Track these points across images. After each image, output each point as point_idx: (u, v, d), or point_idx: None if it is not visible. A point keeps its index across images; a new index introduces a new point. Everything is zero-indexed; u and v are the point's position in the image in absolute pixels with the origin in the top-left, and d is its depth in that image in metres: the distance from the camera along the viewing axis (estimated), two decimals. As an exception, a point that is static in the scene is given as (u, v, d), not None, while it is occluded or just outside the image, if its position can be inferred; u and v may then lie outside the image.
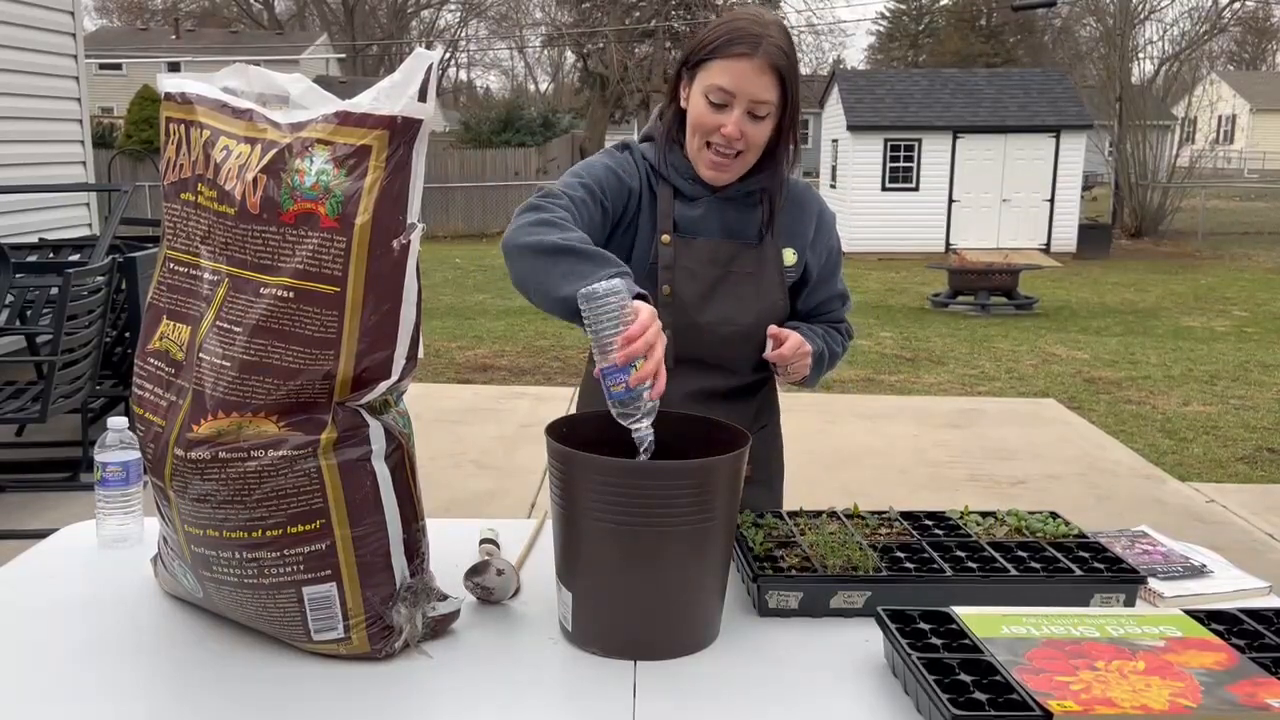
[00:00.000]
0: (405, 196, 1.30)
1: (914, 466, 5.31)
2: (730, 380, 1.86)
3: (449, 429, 5.59)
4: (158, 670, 1.35)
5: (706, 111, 1.70)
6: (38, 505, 4.37)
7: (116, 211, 5.61)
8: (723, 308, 1.79)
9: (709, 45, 1.70)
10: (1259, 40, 50.54)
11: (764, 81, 1.67)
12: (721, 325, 1.79)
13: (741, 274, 1.80)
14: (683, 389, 1.77)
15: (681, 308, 1.77)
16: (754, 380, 1.90)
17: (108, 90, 30.85)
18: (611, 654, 1.37)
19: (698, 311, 1.78)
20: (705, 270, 1.79)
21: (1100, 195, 24.26)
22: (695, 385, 1.81)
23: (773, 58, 1.66)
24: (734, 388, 1.87)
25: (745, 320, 1.80)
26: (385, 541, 1.36)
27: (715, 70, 1.69)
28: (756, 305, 1.80)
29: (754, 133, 1.71)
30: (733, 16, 1.72)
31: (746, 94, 1.67)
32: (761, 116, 1.70)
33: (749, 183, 1.80)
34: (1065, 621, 1.34)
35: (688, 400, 1.77)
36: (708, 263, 1.79)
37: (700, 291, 1.78)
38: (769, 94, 1.68)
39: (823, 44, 62.74)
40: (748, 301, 1.80)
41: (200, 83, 1.43)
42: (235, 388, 1.30)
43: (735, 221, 1.81)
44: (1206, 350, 9.27)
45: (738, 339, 1.81)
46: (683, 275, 1.78)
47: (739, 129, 1.69)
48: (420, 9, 45.48)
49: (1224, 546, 2.91)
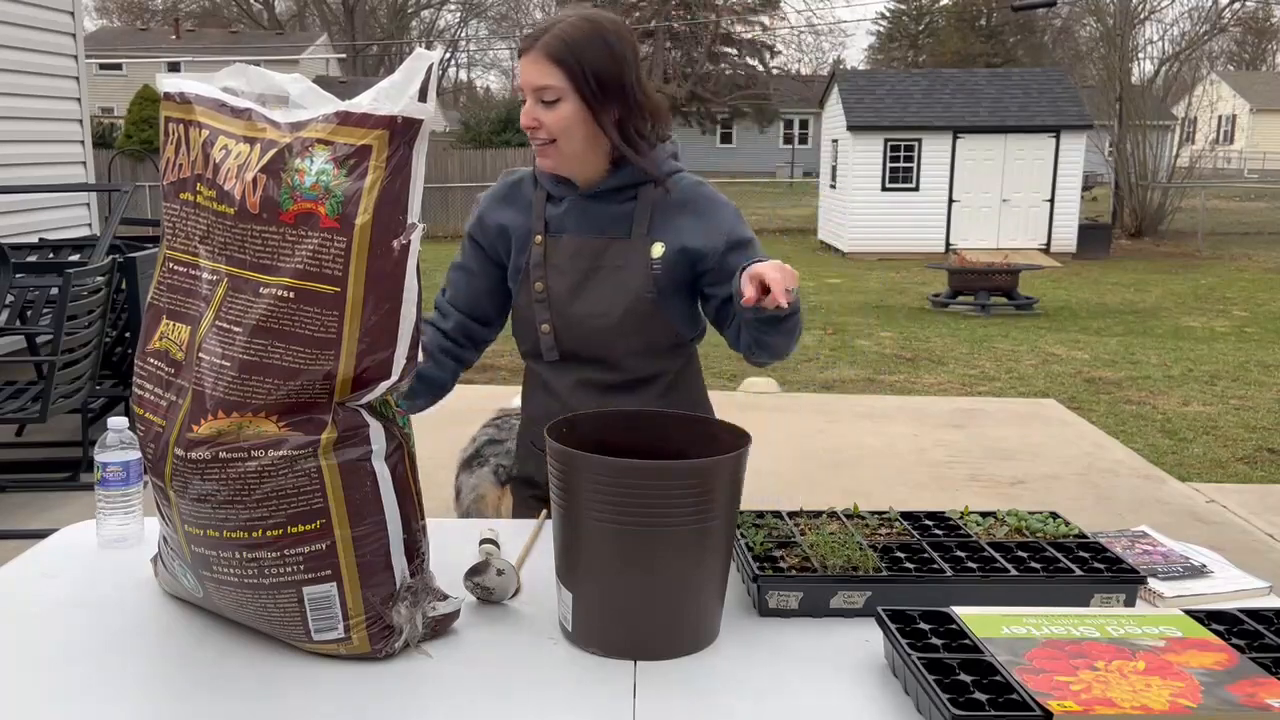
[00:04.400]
0: (405, 196, 1.30)
1: (914, 466, 5.31)
2: (612, 375, 1.91)
3: (449, 429, 5.58)
4: (158, 670, 1.35)
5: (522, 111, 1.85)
6: (38, 505, 4.37)
7: (116, 211, 5.61)
8: (590, 301, 1.87)
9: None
10: (1259, 40, 50.54)
11: (538, 69, 1.77)
12: (590, 319, 1.87)
13: (609, 268, 1.87)
14: (569, 380, 1.93)
15: (555, 302, 1.89)
16: (644, 375, 1.93)
17: (108, 90, 30.86)
18: (611, 654, 1.37)
19: (568, 305, 1.88)
20: (571, 265, 1.88)
21: (1100, 195, 24.26)
22: (579, 376, 1.92)
23: (549, 48, 1.77)
24: (618, 383, 1.92)
25: (612, 314, 1.86)
26: (385, 541, 1.36)
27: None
28: (622, 299, 1.86)
29: (548, 117, 1.79)
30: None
31: (530, 84, 1.79)
32: (550, 101, 1.78)
33: (612, 179, 1.86)
34: (1065, 622, 1.34)
35: (577, 391, 1.92)
36: (573, 258, 1.88)
37: (569, 286, 1.88)
38: (546, 79, 1.77)
39: (823, 44, 62.81)
40: (613, 295, 1.86)
41: (200, 83, 1.43)
42: (235, 388, 1.30)
43: (602, 217, 1.88)
44: (1206, 350, 9.27)
45: (610, 331, 1.87)
46: (553, 272, 1.89)
47: (531, 118, 1.80)
48: (420, 9, 45.48)
49: (1224, 546, 2.91)
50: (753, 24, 38.63)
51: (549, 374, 1.96)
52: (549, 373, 1.95)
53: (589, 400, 1.90)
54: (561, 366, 1.93)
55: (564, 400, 1.92)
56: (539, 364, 1.97)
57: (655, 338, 1.90)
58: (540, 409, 1.95)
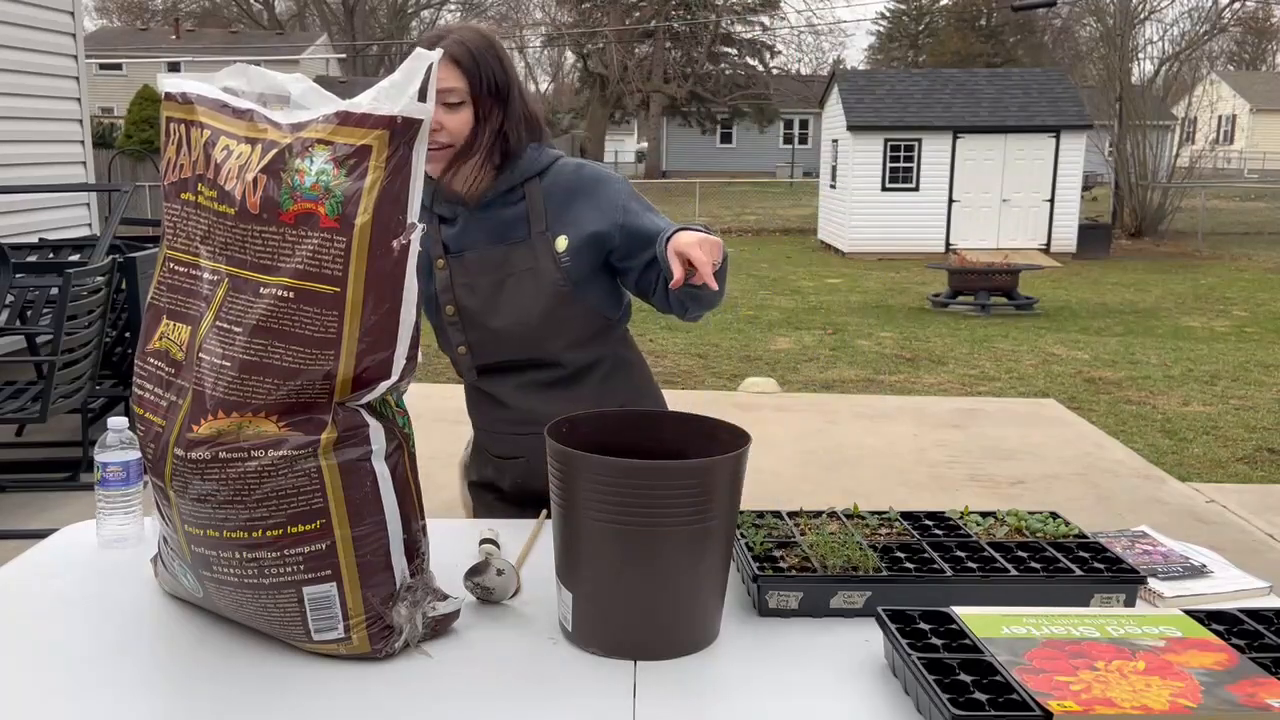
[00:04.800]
0: (405, 196, 1.30)
1: (914, 466, 5.31)
2: (550, 371, 1.92)
3: (449, 429, 5.58)
4: (158, 670, 1.35)
5: None
6: (38, 505, 4.37)
7: (116, 211, 5.61)
8: (508, 310, 1.86)
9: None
10: (1259, 40, 50.54)
11: (444, 72, 1.77)
12: (513, 325, 1.87)
13: (520, 272, 1.86)
14: (511, 384, 1.93)
15: (471, 321, 1.88)
16: (582, 364, 1.94)
17: (108, 90, 30.87)
18: (611, 654, 1.37)
19: (488, 320, 1.87)
20: (481, 280, 1.87)
21: (1100, 195, 24.26)
22: (520, 380, 1.93)
23: (453, 52, 1.78)
24: (558, 378, 1.93)
25: (533, 315, 1.86)
26: (385, 541, 1.36)
27: None
28: (540, 298, 1.86)
29: (450, 121, 1.79)
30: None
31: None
32: (452, 104, 1.79)
33: (497, 184, 1.86)
34: (1065, 622, 1.34)
35: (520, 393, 1.92)
36: (481, 272, 1.87)
37: (483, 301, 1.87)
38: (451, 82, 1.78)
39: (823, 44, 62.80)
40: (530, 297, 1.86)
41: (200, 83, 1.43)
42: (235, 388, 1.30)
43: (499, 225, 1.87)
44: (1206, 350, 9.27)
45: (536, 332, 1.88)
46: (462, 291, 1.88)
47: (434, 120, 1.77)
48: (420, 9, 45.48)
49: (1224, 546, 2.91)
50: (753, 24, 38.64)
51: (488, 384, 1.96)
52: (487, 383, 1.96)
53: (534, 400, 1.91)
54: (496, 376, 1.94)
55: (511, 405, 1.93)
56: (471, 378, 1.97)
57: (581, 327, 1.91)
58: (488, 417, 1.98)
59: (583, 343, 1.92)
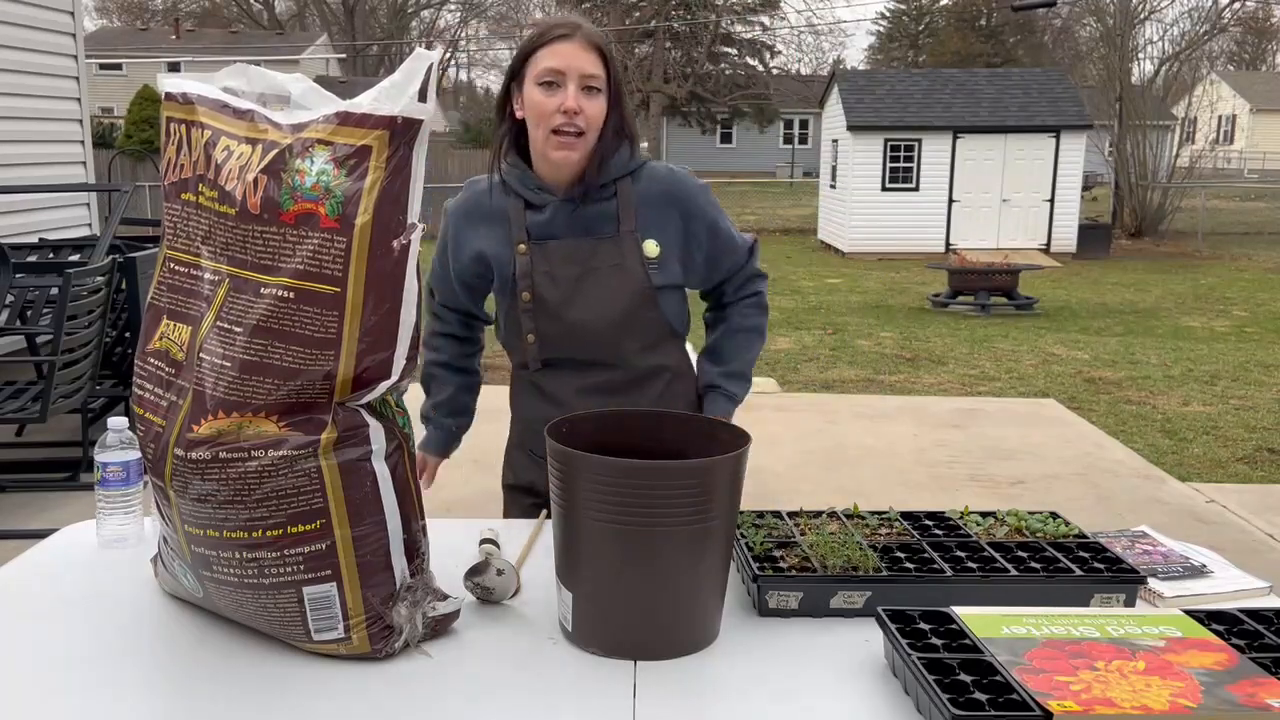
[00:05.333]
0: (405, 197, 1.30)
1: (914, 466, 5.31)
2: (615, 374, 1.91)
3: (449, 429, 5.57)
4: (158, 670, 1.35)
5: (543, 99, 1.78)
6: (38, 505, 4.37)
7: (116, 211, 5.61)
8: (588, 305, 1.85)
9: (530, 44, 1.81)
10: (1259, 40, 50.54)
11: (589, 57, 1.77)
12: (590, 321, 1.85)
13: (605, 268, 1.85)
14: (572, 386, 1.91)
15: (545, 311, 1.86)
16: (645, 369, 1.93)
17: (108, 90, 30.86)
18: (611, 654, 1.37)
19: (563, 311, 1.86)
20: (563, 270, 1.86)
21: (1100, 195, 24.25)
22: (582, 382, 1.91)
23: (591, 37, 1.78)
24: (621, 380, 1.92)
25: (613, 313, 1.86)
26: (385, 541, 1.36)
27: (541, 58, 1.78)
28: (622, 297, 1.85)
29: (591, 107, 1.79)
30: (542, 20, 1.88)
31: (575, 69, 1.77)
32: (595, 89, 1.78)
33: (593, 179, 1.85)
34: (1065, 622, 1.34)
35: (580, 397, 1.89)
36: (565, 263, 1.86)
37: (563, 292, 1.85)
38: (595, 68, 1.78)
39: (823, 44, 62.79)
40: (612, 295, 1.85)
41: (201, 83, 1.43)
42: (235, 388, 1.30)
43: (588, 219, 1.86)
44: (1206, 350, 9.27)
45: (610, 332, 1.87)
46: (542, 280, 1.86)
47: (577, 102, 1.77)
48: (420, 9, 45.48)
49: (1224, 546, 2.91)
50: (753, 24, 38.62)
51: (546, 380, 1.94)
52: (547, 380, 1.94)
53: (591, 403, 1.88)
54: (558, 372, 1.92)
55: (567, 405, 1.89)
56: (537, 373, 1.95)
57: (653, 333, 1.91)
58: (539, 414, 1.93)
59: (651, 349, 1.92)
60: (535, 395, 1.97)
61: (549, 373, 1.93)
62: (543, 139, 1.80)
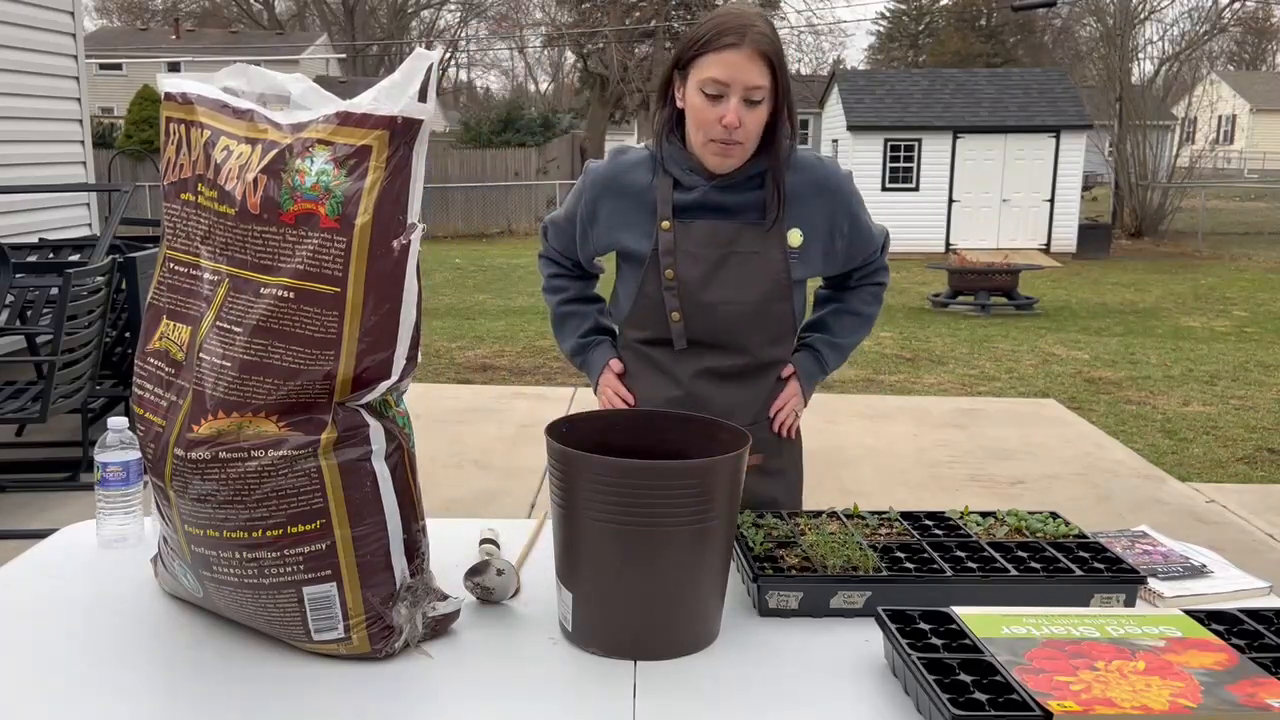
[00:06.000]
0: (405, 197, 1.30)
1: (914, 466, 5.31)
2: (738, 359, 1.90)
3: (449, 429, 5.58)
4: (158, 670, 1.35)
5: (704, 106, 1.76)
6: (38, 505, 4.37)
7: (116, 211, 5.61)
8: (724, 288, 1.84)
9: (698, 42, 1.76)
10: (1259, 40, 50.54)
11: (755, 69, 1.73)
12: (725, 304, 1.85)
13: (744, 254, 1.84)
14: (692, 368, 1.89)
15: (686, 290, 1.85)
16: (766, 360, 1.93)
17: (108, 90, 30.85)
18: (611, 654, 1.37)
19: (701, 292, 1.85)
20: (705, 252, 1.84)
21: (1100, 195, 24.26)
22: (702, 365, 1.90)
23: (760, 45, 1.73)
24: (743, 366, 1.91)
25: (748, 299, 1.85)
26: (385, 541, 1.36)
27: (707, 64, 1.75)
28: (759, 284, 1.84)
29: (750, 119, 1.76)
30: (718, 12, 1.79)
31: (740, 82, 1.73)
32: (757, 101, 1.75)
33: (747, 167, 1.83)
34: (1065, 622, 1.34)
35: (698, 379, 1.89)
36: (707, 244, 1.84)
37: (702, 273, 1.84)
38: (761, 79, 1.74)
39: (823, 44, 62.71)
40: (750, 280, 1.84)
41: (200, 83, 1.43)
42: (235, 388, 1.30)
43: (734, 203, 1.85)
44: (1206, 350, 9.27)
45: (742, 318, 1.86)
46: (684, 259, 1.84)
47: (737, 117, 1.74)
48: (420, 9, 45.47)
49: (1224, 546, 2.91)
50: (753, 24, 38.52)
51: (667, 359, 1.92)
52: (668, 358, 1.92)
53: (708, 387, 1.89)
54: (684, 352, 1.90)
55: (684, 386, 1.90)
56: (657, 349, 1.93)
57: (781, 324, 1.91)
58: (656, 393, 1.93)
59: (774, 342, 1.92)
60: (654, 372, 1.95)
61: (671, 351, 1.91)
62: (701, 143, 1.80)
